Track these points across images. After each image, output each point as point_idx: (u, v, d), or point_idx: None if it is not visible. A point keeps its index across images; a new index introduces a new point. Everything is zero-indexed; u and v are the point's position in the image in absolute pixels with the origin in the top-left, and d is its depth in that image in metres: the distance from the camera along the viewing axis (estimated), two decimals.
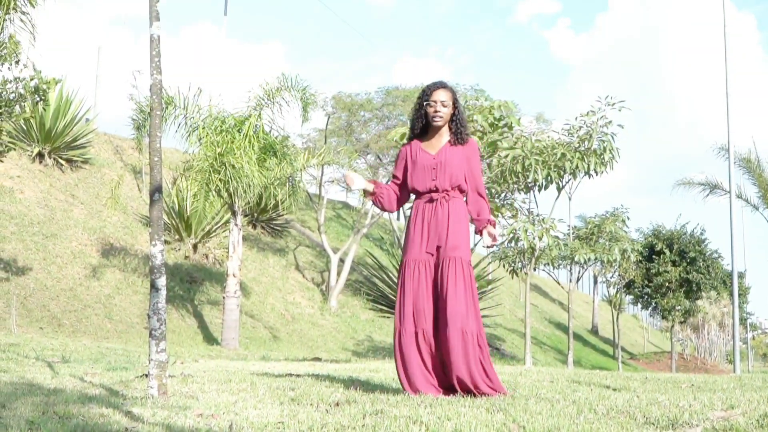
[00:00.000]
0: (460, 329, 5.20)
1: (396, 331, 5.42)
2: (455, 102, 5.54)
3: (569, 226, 22.94)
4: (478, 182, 5.56)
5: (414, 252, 5.45)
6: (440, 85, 5.57)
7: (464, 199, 5.58)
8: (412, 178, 5.56)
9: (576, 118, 13.61)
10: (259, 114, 17.31)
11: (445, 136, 5.58)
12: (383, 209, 5.81)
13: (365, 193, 5.79)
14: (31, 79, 11.65)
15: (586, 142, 13.41)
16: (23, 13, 11.24)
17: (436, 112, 5.50)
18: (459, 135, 5.54)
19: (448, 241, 5.37)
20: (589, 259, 21.06)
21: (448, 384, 5.29)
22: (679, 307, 32.81)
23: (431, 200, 5.48)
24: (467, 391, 5.16)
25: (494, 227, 5.52)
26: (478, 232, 5.56)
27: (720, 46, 21.28)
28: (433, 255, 5.40)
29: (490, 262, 22.46)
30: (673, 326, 34.43)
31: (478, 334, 5.28)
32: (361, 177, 5.69)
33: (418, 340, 5.33)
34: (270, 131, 17.65)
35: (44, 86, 11.74)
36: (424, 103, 5.55)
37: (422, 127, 5.66)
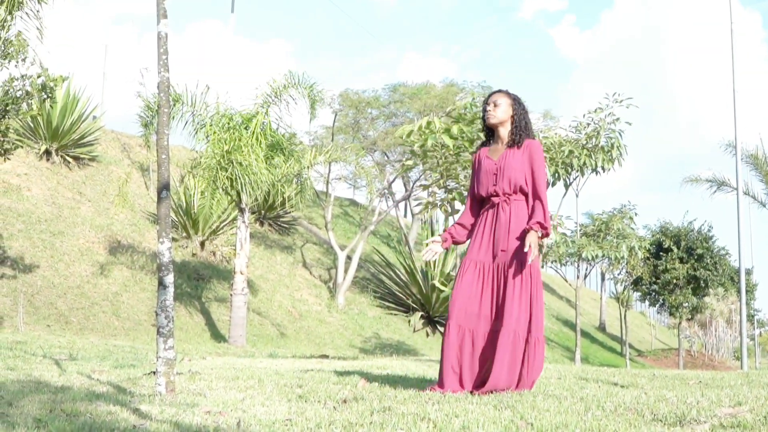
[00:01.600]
0: (512, 330, 5.24)
1: (444, 328, 5.50)
2: (514, 106, 5.64)
3: (576, 223, 22.93)
4: (536, 184, 5.54)
5: (473, 254, 5.53)
6: (497, 90, 5.78)
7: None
8: (477, 186, 5.66)
9: (584, 115, 13.58)
10: (267, 111, 17.31)
11: (505, 139, 5.66)
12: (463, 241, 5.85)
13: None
14: (38, 77, 11.67)
15: (594, 139, 13.38)
16: (32, 10, 11.26)
17: (487, 112, 5.62)
18: (514, 137, 5.61)
19: (509, 243, 5.41)
20: (596, 256, 21.05)
21: (483, 382, 5.30)
22: (687, 304, 32.74)
23: (493, 205, 5.54)
24: (502, 390, 5.18)
25: (543, 231, 5.46)
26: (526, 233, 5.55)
27: (725, 44, 21.22)
28: (495, 258, 5.44)
29: None
30: (680, 323, 34.34)
31: (527, 335, 5.29)
32: (434, 245, 5.76)
33: (461, 339, 5.37)
34: (277, 128, 17.66)
35: (51, 84, 11.76)
36: (483, 109, 5.69)
37: (489, 135, 5.77)
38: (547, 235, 5.50)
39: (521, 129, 5.64)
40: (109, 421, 3.79)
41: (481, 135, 6.41)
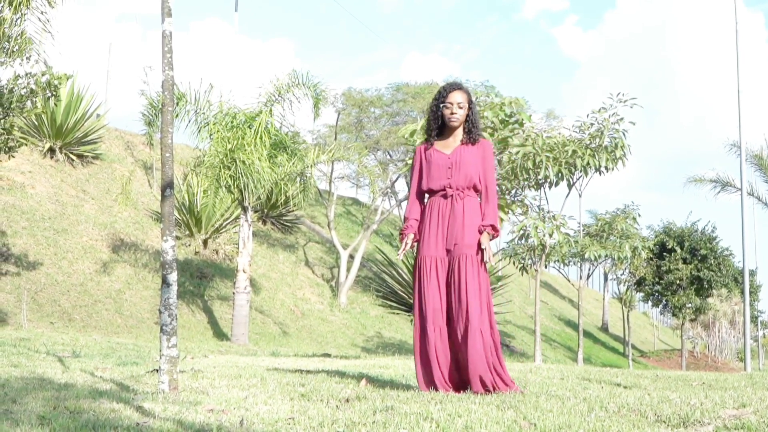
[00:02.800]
0: (478, 328, 5.22)
1: (416, 329, 5.44)
2: (470, 103, 5.57)
3: (579, 223, 22.91)
4: (489, 184, 5.54)
5: (430, 249, 5.45)
6: (456, 87, 5.59)
7: (479, 198, 5.57)
8: (427, 179, 5.56)
9: (587, 115, 13.58)
10: (270, 110, 17.30)
11: (459, 135, 5.60)
12: None
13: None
14: (43, 75, 11.67)
15: (597, 139, 13.37)
16: (42, 12, 11.27)
17: (452, 113, 5.53)
18: (471, 134, 5.56)
19: (465, 238, 5.37)
20: (599, 257, 21.03)
21: (459, 381, 5.29)
22: (690, 305, 32.74)
23: (446, 196, 5.48)
24: (485, 389, 5.16)
25: (494, 233, 5.48)
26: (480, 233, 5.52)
27: (728, 44, 21.21)
28: (448, 252, 5.40)
29: (500, 259, 22.45)
30: (683, 324, 34.34)
31: (491, 331, 5.30)
32: (408, 239, 5.65)
33: (435, 337, 5.34)
34: (280, 127, 17.66)
35: (55, 82, 11.76)
36: (441, 105, 5.57)
37: (438, 130, 5.68)
38: (497, 236, 5.52)
39: (476, 127, 5.61)
40: (113, 419, 3.79)
41: (484, 134, 6.37)
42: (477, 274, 5.33)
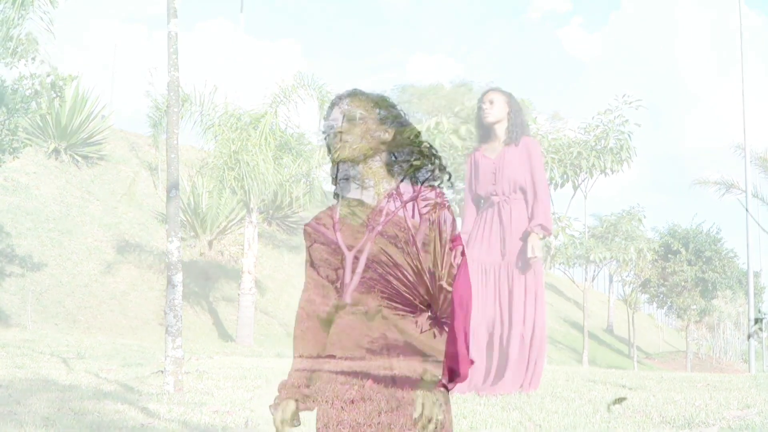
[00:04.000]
0: (520, 335, 5.24)
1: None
2: (510, 103, 5.60)
3: (584, 224, 22.88)
4: (537, 182, 5.55)
5: (480, 255, 5.45)
6: (491, 89, 5.70)
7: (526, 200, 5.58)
8: (475, 184, 5.60)
9: (593, 117, 13.60)
10: (275, 111, 17.27)
11: (501, 136, 5.63)
12: None
13: None
14: (48, 76, 11.68)
15: (603, 141, 13.37)
16: (45, 12, 11.27)
17: (483, 110, 5.58)
18: (510, 134, 5.58)
19: (514, 244, 5.39)
20: (604, 258, 21.02)
21: (495, 381, 5.29)
22: (695, 307, 32.63)
23: (492, 204, 5.49)
24: (514, 389, 5.18)
25: (545, 232, 5.49)
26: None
27: (733, 45, 21.18)
28: (503, 257, 5.40)
29: None
30: (688, 326, 34.22)
31: (539, 334, 5.31)
32: None
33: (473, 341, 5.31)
34: (286, 129, 17.63)
35: (60, 83, 11.77)
36: (478, 108, 5.66)
37: (484, 135, 5.72)
38: (548, 234, 5.52)
39: (517, 126, 5.62)
40: (117, 420, 3.79)
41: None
42: (525, 280, 5.35)
